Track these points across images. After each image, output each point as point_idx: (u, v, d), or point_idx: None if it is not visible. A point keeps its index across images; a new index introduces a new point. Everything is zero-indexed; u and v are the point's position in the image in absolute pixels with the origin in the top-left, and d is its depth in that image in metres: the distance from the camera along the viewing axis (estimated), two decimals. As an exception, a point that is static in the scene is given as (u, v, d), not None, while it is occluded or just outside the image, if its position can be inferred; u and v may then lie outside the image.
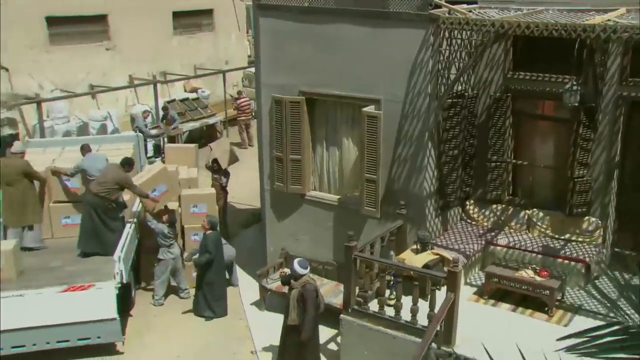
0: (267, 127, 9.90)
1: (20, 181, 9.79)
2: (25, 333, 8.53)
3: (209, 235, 9.68)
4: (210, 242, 9.62)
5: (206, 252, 9.58)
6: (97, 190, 9.58)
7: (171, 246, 10.09)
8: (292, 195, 9.92)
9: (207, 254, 9.59)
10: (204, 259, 9.58)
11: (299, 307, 7.73)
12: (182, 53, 20.74)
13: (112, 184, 9.67)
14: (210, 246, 9.59)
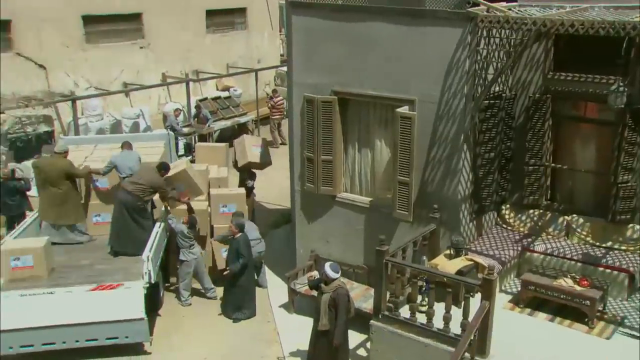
0: (299, 127, 9.74)
1: (63, 182, 9.81)
2: (55, 331, 8.53)
3: (240, 238, 9.56)
4: (242, 245, 9.51)
5: (239, 256, 9.47)
6: (131, 189, 9.54)
7: (192, 246, 9.99)
8: (322, 196, 9.74)
9: (241, 258, 9.48)
10: (239, 265, 9.46)
11: (330, 312, 7.55)
12: (214, 51, 20.77)
13: (147, 186, 9.63)
14: (243, 250, 9.49)
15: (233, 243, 9.61)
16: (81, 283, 8.75)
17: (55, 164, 9.83)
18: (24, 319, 8.43)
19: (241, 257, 9.44)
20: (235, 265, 9.44)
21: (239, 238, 9.55)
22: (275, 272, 11.32)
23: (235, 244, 9.55)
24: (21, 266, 8.82)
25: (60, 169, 9.76)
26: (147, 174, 9.79)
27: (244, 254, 9.48)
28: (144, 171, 9.89)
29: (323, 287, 7.62)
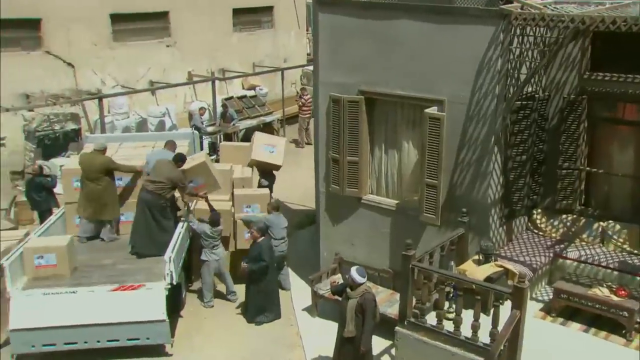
0: (324, 127, 9.54)
1: (102, 178, 9.76)
2: (77, 330, 8.47)
3: (262, 242, 9.40)
4: (264, 250, 9.34)
5: (260, 260, 9.28)
6: (152, 188, 9.45)
7: (214, 247, 9.84)
8: (348, 198, 9.54)
9: (261, 262, 9.29)
10: (259, 265, 9.28)
11: (357, 318, 7.33)
12: (241, 50, 20.69)
13: (166, 182, 9.50)
14: (265, 254, 9.32)
15: (254, 248, 9.40)
16: (103, 283, 8.69)
17: (94, 160, 9.83)
18: (46, 317, 8.39)
19: (262, 261, 9.27)
20: (253, 266, 9.25)
21: (261, 242, 9.36)
22: (299, 274, 11.15)
23: (257, 248, 9.35)
24: (44, 264, 8.79)
25: (99, 165, 9.75)
26: (164, 169, 9.62)
27: (266, 258, 9.31)
28: (160, 167, 9.70)
29: (349, 292, 7.41)
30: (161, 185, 9.47)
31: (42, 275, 8.77)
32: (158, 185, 9.45)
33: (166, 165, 9.74)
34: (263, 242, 9.36)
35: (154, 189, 9.45)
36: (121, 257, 9.58)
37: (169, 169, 9.66)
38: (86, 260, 9.44)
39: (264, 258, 9.27)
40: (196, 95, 19.26)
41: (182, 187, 9.75)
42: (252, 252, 9.39)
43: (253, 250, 9.40)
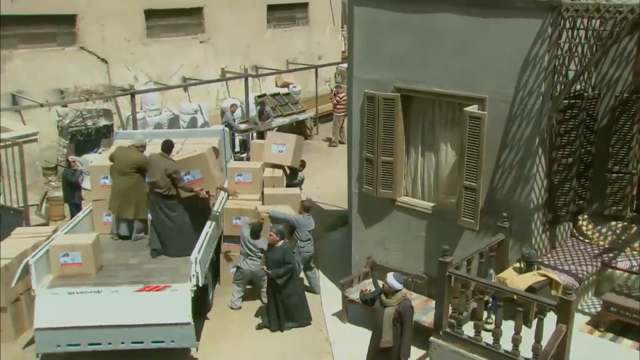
0: (358, 125, 9.16)
1: (132, 174, 9.55)
2: (102, 331, 8.25)
3: (284, 246, 8.98)
4: (288, 252, 8.97)
5: (285, 263, 8.88)
6: (153, 189, 9.17)
7: (250, 258, 9.48)
8: (381, 200, 9.14)
9: (285, 265, 8.87)
10: (283, 270, 8.84)
11: (394, 327, 6.94)
12: (275, 47, 20.46)
13: (160, 177, 9.07)
14: (290, 257, 8.95)
15: (274, 252, 8.92)
16: (128, 283, 8.47)
17: (129, 155, 9.65)
18: (71, 317, 8.19)
19: (287, 264, 8.86)
20: (279, 270, 8.81)
21: (283, 246, 8.94)
22: (330, 277, 10.80)
23: (280, 252, 8.88)
24: (70, 263, 8.61)
25: (133, 160, 9.55)
26: (156, 164, 9.20)
27: (292, 261, 8.94)
28: (152, 163, 9.28)
29: (384, 299, 7.01)
30: (157, 183, 9.11)
31: (67, 274, 8.59)
32: (155, 183, 9.13)
33: (156, 157, 9.33)
34: (285, 245, 8.95)
35: (154, 189, 9.18)
36: (148, 256, 9.36)
37: (160, 161, 9.22)
38: (112, 259, 9.25)
39: (290, 261, 8.89)
40: (229, 92, 19.10)
41: (174, 179, 9.19)
42: (274, 256, 8.90)
43: (275, 254, 8.92)
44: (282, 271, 8.83)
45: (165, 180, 9.08)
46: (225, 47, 18.85)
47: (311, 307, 9.75)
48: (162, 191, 9.12)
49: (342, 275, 10.19)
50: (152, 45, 17.22)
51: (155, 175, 9.14)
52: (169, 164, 9.18)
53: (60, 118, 15.36)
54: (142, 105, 16.60)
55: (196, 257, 8.34)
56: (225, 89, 19.15)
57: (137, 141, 9.88)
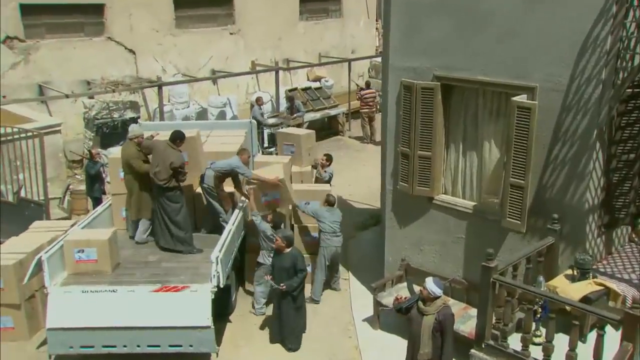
0: (394, 117, 8.48)
1: (129, 172, 8.95)
2: (117, 333, 7.74)
3: (293, 252, 8.14)
4: (299, 258, 8.10)
5: (298, 271, 8.04)
6: (155, 181, 8.59)
7: (273, 250, 8.93)
8: (418, 198, 8.44)
9: (298, 274, 8.03)
10: (298, 280, 8.03)
11: (434, 338, 6.26)
12: (307, 40, 19.88)
13: (162, 168, 8.49)
14: (302, 263, 8.09)
15: (282, 260, 8.08)
16: (145, 283, 7.95)
17: (125, 151, 9.07)
18: (85, 317, 7.71)
19: (300, 272, 8.04)
20: (293, 281, 8.01)
21: (291, 253, 8.10)
22: (360, 279, 10.15)
23: (287, 260, 8.03)
24: (85, 259, 8.12)
25: (125, 158, 8.95)
26: (160, 154, 8.57)
27: (304, 268, 8.12)
28: (157, 152, 8.66)
29: (422, 306, 6.34)
30: (160, 175, 8.53)
31: (82, 271, 8.11)
32: (157, 174, 8.55)
33: (161, 147, 8.70)
34: (294, 252, 8.14)
35: (156, 180, 8.59)
36: (167, 254, 8.84)
37: (164, 151, 8.60)
38: (130, 256, 8.75)
39: (302, 268, 8.06)
40: (259, 86, 18.57)
41: (180, 172, 8.64)
42: (282, 264, 8.07)
43: (283, 261, 8.06)
44: (297, 281, 8.05)
45: (168, 172, 8.52)
46: (256, 39, 18.31)
47: (340, 311, 9.15)
48: (163, 183, 8.54)
49: (374, 277, 9.58)
50: (180, 36, 16.77)
51: (158, 166, 8.57)
52: (175, 156, 8.61)
53: (87, 110, 15.00)
54: (169, 97, 16.16)
55: (217, 256, 7.76)
56: (256, 82, 18.62)
57: (131, 132, 9.30)
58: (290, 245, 8.09)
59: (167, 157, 8.51)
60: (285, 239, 8.06)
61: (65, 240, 8.17)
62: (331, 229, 9.38)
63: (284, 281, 7.98)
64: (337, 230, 9.47)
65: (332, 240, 9.37)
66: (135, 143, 9.04)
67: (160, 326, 7.66)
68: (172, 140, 8.72)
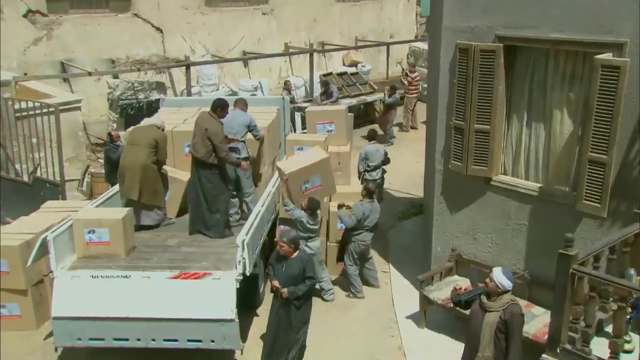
0: (446, 86, 7.42)
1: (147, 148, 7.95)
2: (130, 324, 6.84)
3: (300, 258, 6.50)
4: (309, 263, 6.52)
5: (307, 278, 6.45)
6: (192, 152, 7.69)
7: (310, 239, 7.97)
8: (472, 179, 7.37)
9: (309, 279, 6.46)
10: (304, 287, 6.43)
11: (496, 340, 5.20)
12: (343, 23, 18.87)
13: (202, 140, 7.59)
14: (312, 269, 6.53)
15: (290, 266, 6.46)
16: (162, 268, 7.03)
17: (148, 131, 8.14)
18: (94, 305, 6.83)
19: (308, 279, 6.47)
20: (299, 287, 6.41)
21: (299, 257, 6.49)
22: (402, 272, 9.12)
23: (295, 266, 6.43)
24: (96, 241, 7.25)
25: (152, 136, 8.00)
26: (199, 123, 7.70)
27: (314, 275, 6.59)
28: (197, 122, 7.78)
29: (486, 302, 5.28)
30: (201, 148, 7.61)
31: (92, 254, 7.24)
32: (198, 147, 7.65)
33: (201, 117, 7.81)
34: (303, 256, 6.57)
35: (194, 153, 7.69)
36: (189, 238, 7.94)
37: (202, 121, 7.71)
38: (147, 239, 7.86)
39: (312, 275, 6.52)
40: (292, 70, 17.61)
41: (218, 151, 7.66)
42: (290, 272, 6.46)
43: (290, 268, 6.46)
44: (304, 289, 6.41)
45: (206, 144, 7.58)
46: (290, 20, 17.35)
47: (380, 306, 8.15)
48: (200, 156, 7.63)
49: (418, 270, 8.55)
50: (211, 15, 15.89)
51: (195, 136, 7.68)
52: (213, 125, 7.67)
53: (111, 90, 14.21)
54: (198, 79, 15.31)
55: (243, 240, 6.79)
56: (289, 65, 17.65)
57: (157, 120, 8.40)
58: (297, 248, 6.58)
59: (204, 126, 7.62)
60: (291, 242, 6.47)
61: (75, 219, 7.30)
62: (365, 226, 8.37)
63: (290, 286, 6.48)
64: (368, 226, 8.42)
65: (361, 235, 8.35)
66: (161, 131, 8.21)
67: (178, 318, 6.73)
68: (213, 109, 7.80)
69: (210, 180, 7.75)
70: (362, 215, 8.20)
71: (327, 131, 9.64)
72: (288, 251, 6.45)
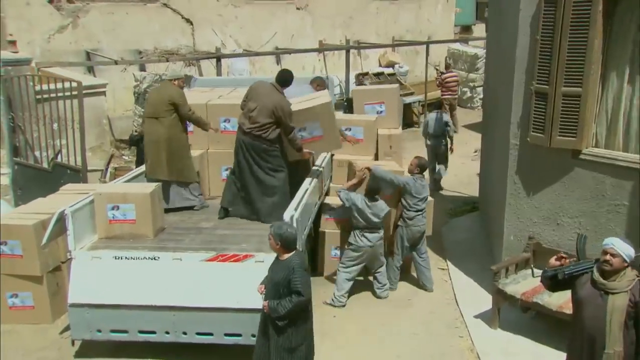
0: (526, 44, 6.40)
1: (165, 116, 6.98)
2: (157, 314, 5.89)
3: (290, 261, 4.83)
4: (294, 275, 4.74)
5: (293, 293, 4.74)
6: (248, 127, 6.66)
7: (368, 230, 6.98)
8: (557, 152, 6.32)
9: (295, 296, 4.73)
10: (290, 304, 4.72)
11: (625, 329, 4.10)
12: (379, 21, 18.01)
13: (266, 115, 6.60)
14: (299, 281, 4.72)
15: (276, 269, 4.90)
16: (195, 249, 6.06)
17: (161, 91, 7.15)
18: (118, 291, 5.89)
19: (296, 295, 4.74)
20: (280, 303, 4.75)
21: (290, 260, 4.84)
22: (461, 269, 8.05)
23: (281, 271, 4.82)
24: (121, 219, 6.31)
25: (167, 96, 6.98)
26: (264, 92, 6.69)
27: (303, 291, 4.72)
28: (256, 93, 6.75)
29: (603, 281, 4.19)
30: (261, 118, 6.62)
31: (116, 234, 6.30)
32: (253, 118, 6.64)
33: (260, 86, 6.82)
34: (295, 259, 4.85)
35: (251, 128, 6.67)
36: (225, 221, 6.97)
37: (262, 91, 6.73)
38: (177, 222, 6.92)
39: (299, 289, 4.70)
40: (326, 68, 16.70)
41: (286, 128, 6.73)
42: (273, 276, 4.92)
43: (275, 272, 4.90)
44: (288, 307, 4.71)
45: (269, 117, 6.58)
46: (325, 16, 16.51)
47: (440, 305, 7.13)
48: (256, 127, 6.59)
49: (479, 267, 7.65)
50: (243, 8, 15.09)
51: (255, 109, 6.62)
52: (281, 99, 6.69)
53: (137, 83, 13.39)
54: (228, 73, 14.46)
55: (292, 216, 5.79)
56: (323, 64, 16.78)
57: (171, 73, 7.33)
58: (290, 248, 4.87)
59: (270, 97, 6.64)
60: (278, 238, 4.81)
61: (96, 193, 6.37)
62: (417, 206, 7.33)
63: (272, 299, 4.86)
64: (423, 208, 7.40)
65: (415, 219, 7.33)
66: (176, 85, 7.14)
67: (214, 307, 5.75)
68: (281, 82, 6.81)
69: (268, 159, 6.74)
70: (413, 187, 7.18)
71: (377, 112, 8.65)
72: (274, 248, 4.89)
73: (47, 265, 6.82)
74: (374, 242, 7.00)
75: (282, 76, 6.87)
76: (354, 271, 7.14)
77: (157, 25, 13.89)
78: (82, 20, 13.03)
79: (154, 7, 13.91)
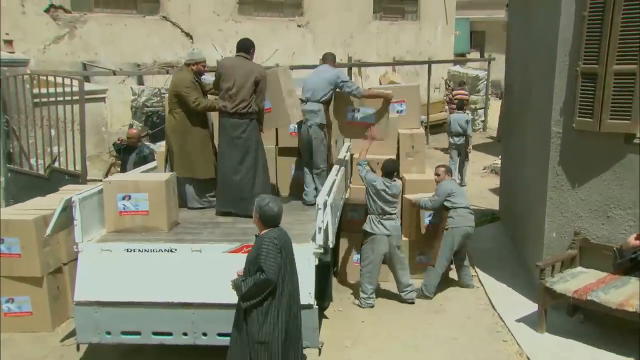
0: (570, 23, 6.01)
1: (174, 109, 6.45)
2: (174, 313, 5.25)
3: (263, 238, 4.32)
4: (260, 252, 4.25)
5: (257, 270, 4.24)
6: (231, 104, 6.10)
7: (386, 216, 6.50)
8: (607, 138, 5.87)
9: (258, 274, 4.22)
10: (247, 283, 4.26)
11: None
12: (380, 41, 17.78)
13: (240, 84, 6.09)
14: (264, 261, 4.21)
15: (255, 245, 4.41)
16: (215, 241, 5.46)
17: (176, 77, 6.54)
18: (130, 288, 5.26)
19: (259, 273, 4.22)
20: (244, 281, 4.29)
21: (263, 237, 4.33)
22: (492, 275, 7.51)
23: (255, 246, 4.37)
24: (132, 210, 5.71)
25: (172, 85, 6.46)
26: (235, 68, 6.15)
27: (268, 271, 4.19)
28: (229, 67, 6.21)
29: None
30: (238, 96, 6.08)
31: (127, 227, 5.70)
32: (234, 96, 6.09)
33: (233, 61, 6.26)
34: (269, 234, 4.34)
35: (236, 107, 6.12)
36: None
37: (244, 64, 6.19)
38: (193, 217, 6.33)
39: (264, 267, 4.19)
40: (327, 87, 16.33)
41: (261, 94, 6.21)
42: (249, 255, 4.45)
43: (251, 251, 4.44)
44: (250, 284, 4.24)
45: (250, 91, 6.05)
46: (326, 34, 16.24)
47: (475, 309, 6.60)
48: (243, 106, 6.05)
49: (508, 274, 7.28)
50: (243, 23, 14.77)
51: (234, 86, 6.06)
52: (258, 67, 6.23)
53: (135, 97, 12.90)
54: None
55: (325, 201, 5.24)
56: (324, 82, 16.42)
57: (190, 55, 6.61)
58: (268, 224, 4.39)
59: (247, 69, 6.12)
60: (259, 211, 4.39)
61: (106, 181, 5.79)
62: (465, 203, 6.96)
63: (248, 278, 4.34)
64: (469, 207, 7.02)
65: (467, 218, 6.92)
66: (193, 71, 6.49)
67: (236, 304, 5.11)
68: (246, 50, 6.28)
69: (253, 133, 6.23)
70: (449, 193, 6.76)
71: (397, 111, 8.20)
72: (255, 221, 4.46)
73: (47, 265, 6.18)
74: (391, 232, 6.47)
75: (244, 44, 6.33)
76: (375, 269, 6.58)
77: (157, 38, 13.52)
78: (79, 31, 12.62)
79: (154, 19, 13.56)
